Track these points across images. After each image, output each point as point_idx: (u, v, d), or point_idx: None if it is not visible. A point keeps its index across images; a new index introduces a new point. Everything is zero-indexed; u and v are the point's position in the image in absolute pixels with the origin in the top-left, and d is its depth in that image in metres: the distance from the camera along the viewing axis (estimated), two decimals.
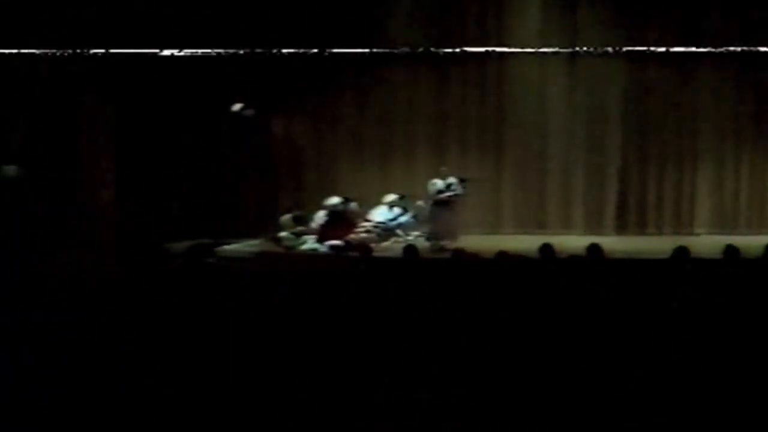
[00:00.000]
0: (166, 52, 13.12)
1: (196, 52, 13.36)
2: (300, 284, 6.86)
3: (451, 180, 12.09)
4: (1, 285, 7.22)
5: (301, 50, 13.66)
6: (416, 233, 12.76)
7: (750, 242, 9.96)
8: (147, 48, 12.90)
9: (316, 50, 13.70)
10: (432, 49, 13.84)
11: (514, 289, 6.31)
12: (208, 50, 13.40)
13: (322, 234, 12.16)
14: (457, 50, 13.84)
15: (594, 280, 6.64)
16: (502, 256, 7.49)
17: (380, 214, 12.94)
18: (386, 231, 12.69)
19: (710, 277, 6.69)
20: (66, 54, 12.49)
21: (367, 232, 12.51)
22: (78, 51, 12.51)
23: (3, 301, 6.23)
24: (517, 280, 6.62)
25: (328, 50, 13.72)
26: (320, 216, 12.49)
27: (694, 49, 13.51)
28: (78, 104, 12.50)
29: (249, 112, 13.36)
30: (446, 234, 11.80)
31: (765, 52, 13.33)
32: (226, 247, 11.80)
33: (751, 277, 6.71)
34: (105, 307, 6.13)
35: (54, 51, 12.58)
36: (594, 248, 7.70)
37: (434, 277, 6.89)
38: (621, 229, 13.98)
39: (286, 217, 12.70)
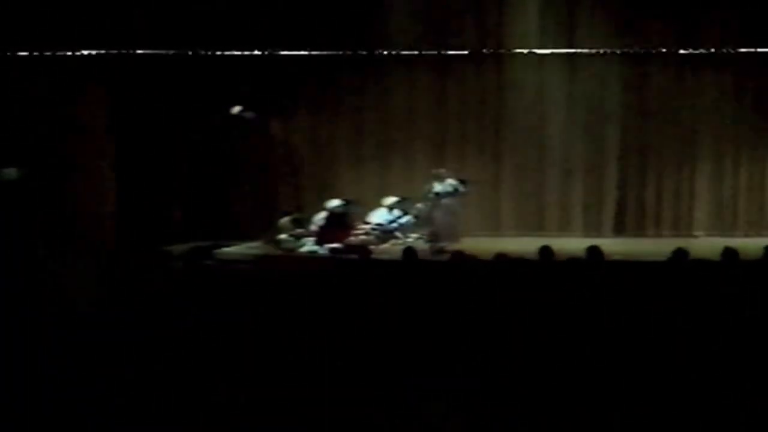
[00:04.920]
0: (165, 54, 13.11)
1: (195, 54, 13.36)
2: (299, 287, 6.86)
3: (451, 181, 12.09)
4: (2, 289, 7.23)
5: (300, 51, 13.66)
6: (415, 235, 12.74)
7: (749, 244, 9.96)
8: (146, 49, 12.89)
9: (314, 51, 13.69)
10: (430, 50, 13.83)
11: (513, 292, 6.31)
12: (207, 52, 13.40)
13: (321, 236, 12.15)
14: (456, 51, 13.83)
15: (593, 282, 6.65)
16: (501, 258, 7.50)
17: (379, 216, 12.93)
18: (385, 233, 12.67)
19: (709, 279, 6.70)
20: (65, 55, 12.49)
21: (366, 234, 12.50)
22: (77, 52, 12.51)
23: (4, 305, 6.24)
24: (516, 283, 6.62)
25: (326, 51, 13.72)
26: (319, 218, 12.49)
27: (693, 50, 13.50)
28: (77, 107, 12.49)
29: (248, 114, 13.36)
30: (446, 236, 11.78)
31: (765, 52, 13.31)
32: (226, 249, 11.80)
33: (750, 278, 6.72)
34: (106, 310, 6.14)
35: (53, 52, 12.57)
36: (593, 250, 7.70)
37: (433, 280, 6.89)
38: (620, 231, 13.95)
39: (285, 220, 12.68)
